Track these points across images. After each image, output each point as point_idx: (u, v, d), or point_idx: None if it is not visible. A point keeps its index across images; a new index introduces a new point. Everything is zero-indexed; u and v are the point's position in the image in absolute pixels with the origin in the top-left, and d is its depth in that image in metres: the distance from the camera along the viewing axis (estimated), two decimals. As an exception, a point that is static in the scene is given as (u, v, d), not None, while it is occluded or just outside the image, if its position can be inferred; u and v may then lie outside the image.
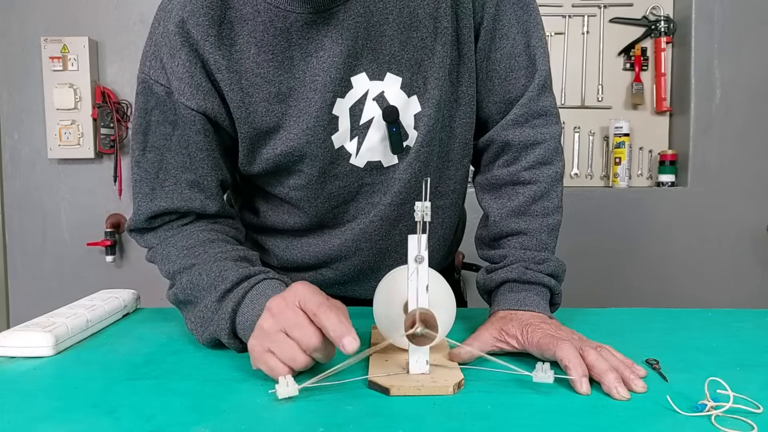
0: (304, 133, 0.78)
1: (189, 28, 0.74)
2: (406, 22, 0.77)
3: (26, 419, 0.53)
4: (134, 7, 2.20)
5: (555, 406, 0.54)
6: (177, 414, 0.53)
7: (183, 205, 0.80)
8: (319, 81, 0.76)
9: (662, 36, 2.20)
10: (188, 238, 0.79)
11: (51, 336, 0.69)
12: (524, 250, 0.79)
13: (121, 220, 2.25)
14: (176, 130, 0.78)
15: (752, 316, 0.87)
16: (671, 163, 2.20)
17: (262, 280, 0.71)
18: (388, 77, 0.78)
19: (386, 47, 0.77)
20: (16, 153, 2.25)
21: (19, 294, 2.30)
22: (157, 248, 0.81)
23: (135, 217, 0.82)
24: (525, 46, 0.82)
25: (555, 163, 0.83)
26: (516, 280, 0.77)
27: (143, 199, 0.81)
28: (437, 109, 0.81)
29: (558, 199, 0.82)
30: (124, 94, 2.22)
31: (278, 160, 0.80)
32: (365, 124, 0.80)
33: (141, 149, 0.80)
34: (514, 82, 0.83)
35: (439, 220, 0.91)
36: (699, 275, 2.16)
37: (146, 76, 0.77)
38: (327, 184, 0.83)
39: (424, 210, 0.58)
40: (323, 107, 0.77)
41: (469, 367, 0.63)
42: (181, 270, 0.75)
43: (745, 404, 0.53)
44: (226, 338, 0.69)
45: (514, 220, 0.81)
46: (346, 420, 0.52)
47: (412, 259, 0.59)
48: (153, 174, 0.80)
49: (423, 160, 0.83)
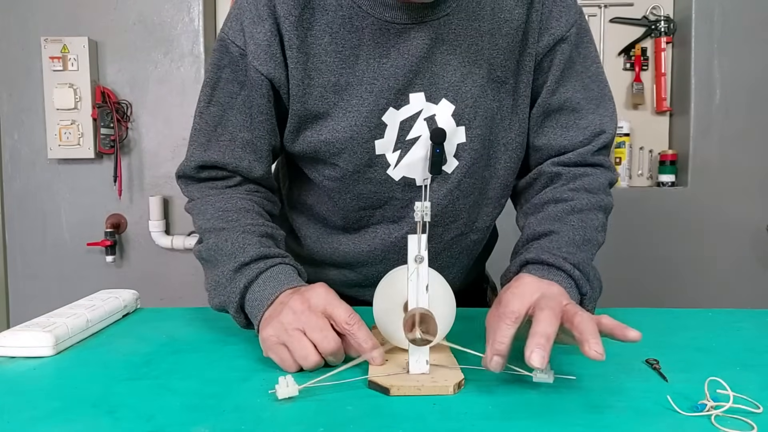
0: (350, 128, 0.81)
1: (276, 3, 0.78)
2: (472, 58, 0.81)
3: (26, 419, 0.53)
4: (134, 7, 2.20)
5: (555, 406, 0.54)
6: (177, 414, 0.53)
7: (233, 161, 0.84)
8: (377, 85, 0.79)
9: (662, 36, 2.20)
10: (227, 202, 0.82)
11: (51, 336, 0.69)
12: (551, 243, 0.75)
13: (121, 220, 2.25)
14: (243, 90, 0.82)
15: (752, 316, 0.87)
16: (671, 163, 2.20)
17: (278, 263, 0.74)
18: (442, 102, 0.81)
19: (448, 75, 0.81)
20: (16, 153, 2.25)
21: (19, 294, 2.30)
22: (197, 201, 0.85)
23: (186, 163, 0.86)
24: (595, 106, 0.86)
25: (599, 194, 0.83)
26: (535, 261, 0.72)
27: (198, 147, 0.85)
28: (482, 146, 0.84)
29: (599, 223, 0.80)
30: (124, 94, 2.22)
31: (319, 147, 0.83)
32: (411, 141, 0.82)
33: (206, 101, 0.84)
34: (572, 139, 0.86)
35: (468, 252, 0.95)
36: (699, 275, 2.16)
37: (225, 35, 0.81)
38: (359, 184, 0.85)
39: (423, 210, 0.58)
40: (374, 111, 0.80)
41: (469, 367, 0.63)
42: (212, 230, 0.79)
43: (745, 404, 0.53)
44: (233, 312, 0.73)
45: (548, 223, 0.79)
46: (346, 420, 0.52)
47: (412, 259, 0.59)
48: (212, 126, 0.84)
49: (464, 189, 0.86)
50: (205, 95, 0.84)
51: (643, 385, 0.60)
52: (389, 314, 0.65)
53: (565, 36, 0.83)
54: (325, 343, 0.62)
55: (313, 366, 0.62)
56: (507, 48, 0.82)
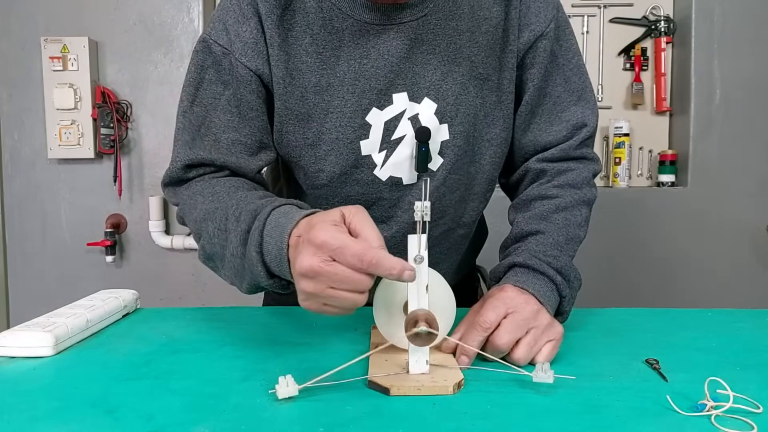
0: (335, 129, 0.81)
1: (258, 2, 0.79)
2: (451, 57, 0.82)
3: (26, 419, 0.53)
4: (134, 8, 2.20)
5: (555, 406, 0.54)
6: (177, 414, 0.53)
7: (220, 157, 0.82)
8: (359, 86, 0.80)
9: (662, 36, 2.20)
10: (215, 186, 0.80)
11: (51, 336, 0.69)
12: (538, 245, 0.80)
13: (121, 220, 2.25)
14: (227, 90, 0.81)
15: (752, 316, 0.88)
16: (671, 163, 2.20)
17: (270, 212, 0.68)
18: (425, 101, 0.82)
19: (428, 74, 0.81)
20: (16, 153, 2.25)
21: (19, 294, 2.30)
22: (186, 200, 0.82)
23: (172, 166, 0.84)
24: (569, 104, 0.88)
25: (584, 189, 0.87)
26: (521, 264, 0.77)
27: (183, 146, 0.83)
28: (466, 142, 0.85)
29: (582, 218, 0.85)
30: (124, 94, 2.22)
31: (304, 151, 0.83)
32: (396, 140, 0.83)
33: (189, 102, 0.83)
34: (555, 134, 0.88)
35: (457, 247, 0.97)
36: (699, 275, 2.16)
37: (207, 36, 0.82)
38: (347, 186, 0.85)
39: (423, 210, 0.58)
40: (357, 111, 0.81)
41: (469, 367, 0.63)
42: (206, 217, 0.75)
43: (745, 404, 0.53)
44: (266, 282, 0.67)
45: (535, 223, 0.84)
46: (346, 420, 0.52)
47: (412, 259, 0.59)
48: (195, 127, 0.83)
49: (450, 186, 0.87)
50: (189, 95, 0.83)
51: (643, 385, 0.60)
52: (389, 314, 0.65)
53: (545, 32, 0.84)
54: (360, 285, 0.57)
55: (364, 303, 0.59)
56: (487, 45, 0.83)
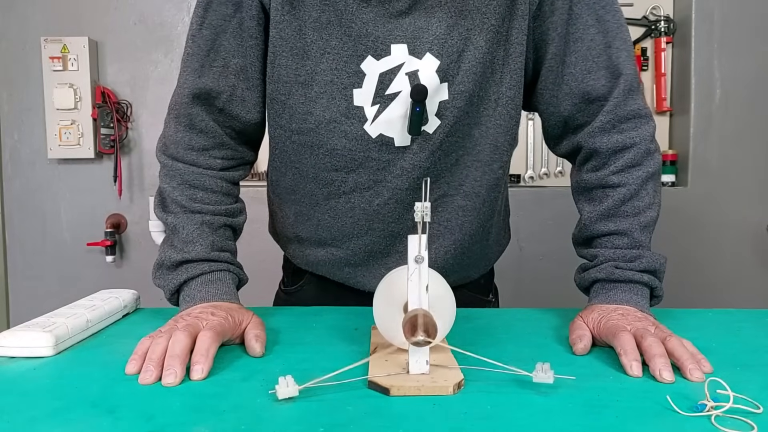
0: (329, 71, 0.79)
1: None
2: (458, 8, 0.78)
3: (26, 419, 0.53)
4: (134, 7, 2.20)
5: (555, 406, 0.54)
6: (177, 414, 0.53)
7: (227, 89, 0.82)
8: (355, 29, 0.78)
9: (662, 36, 2.20)
10: (196, 177, 0.84)
11: (51, 336, 0.69)
12: (615, 249, 0.80)
13: (121, 220, 2.25)
14: (237, 13, 0.80)
15: (752, 316, 0.88)
16: (671, 163, 2.20)
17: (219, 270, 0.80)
18: (427, 57, 0.78)
19: (433, 28, 0.78)
20: (16, 153, 2.25)
21: (19, 294, 2.30)
22: (173, 175, 0.84)
23: (179, 91, 0.84)
24: (605, 46, 0.81)
25: (645, 164, 0.81)
26: (605, 279, 0.79)
27: (191, 74, 0.83)
28: (467, 103, 0.81)
29: (649, 197, 0.81)
30: (124, 94, 2.22)
31: (294, 89, 0.81)
32: (390, 96, 0.80)
33: (198, 24, 0.82)
34: (593, 83, 0.82)
35: (458, 221, 0.88)
36: (699, 275, 2.16)
37: None
38: (333, 137, 0.82)
39: (423, 210, 0.58)
40: (353, 56, 0.79)
41: (469, 367, 0.63)
42: (176, 203, 0.84)
43: (745, 404, 0.53)
44: (167, 296, 0.82)
45: (604, 222, 0.82)
46: (346, 420, 0.52)
47: (412, 259, 0.59)
48: (205, 51, 0.82)
49: (446, 150, 0.83)
50: (198, 17, 0.82)
51: (643, 385, 0.60)
52: (389, 315, 0.65)
53: None
54: (173, 348, 0.64)
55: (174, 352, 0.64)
56: None
